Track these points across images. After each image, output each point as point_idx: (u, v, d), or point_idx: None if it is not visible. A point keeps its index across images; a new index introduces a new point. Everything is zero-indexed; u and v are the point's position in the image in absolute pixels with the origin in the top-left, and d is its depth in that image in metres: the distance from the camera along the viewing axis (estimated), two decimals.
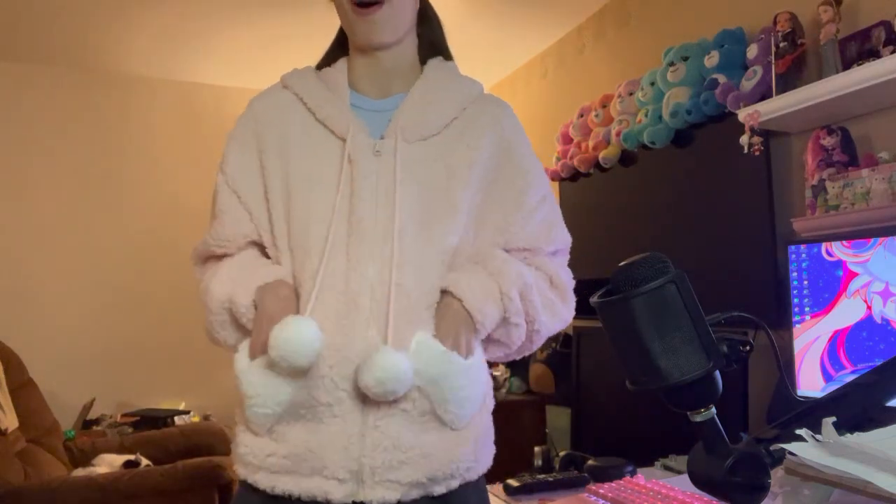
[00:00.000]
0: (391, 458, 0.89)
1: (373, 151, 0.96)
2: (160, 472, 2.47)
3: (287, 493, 0.90)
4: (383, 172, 0.95)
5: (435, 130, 1.00)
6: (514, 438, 2.98)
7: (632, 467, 1.61)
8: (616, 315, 0.76)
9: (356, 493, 0.89)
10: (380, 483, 0.89)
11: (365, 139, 0.97)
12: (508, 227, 1.02)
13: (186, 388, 3.79)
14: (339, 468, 0.88)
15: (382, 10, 0.95)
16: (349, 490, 0.89)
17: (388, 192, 0.94)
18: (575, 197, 3.10)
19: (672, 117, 2.34)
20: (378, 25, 0.96)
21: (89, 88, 3.77)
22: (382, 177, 0.95)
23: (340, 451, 0.89)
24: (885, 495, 0.68)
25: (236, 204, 1.01)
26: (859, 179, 1.75)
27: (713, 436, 0.77)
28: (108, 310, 3.70)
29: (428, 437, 0.91)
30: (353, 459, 0.89)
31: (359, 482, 0.89)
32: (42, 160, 3.65)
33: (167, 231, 3.84)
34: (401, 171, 0.95)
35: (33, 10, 3.06)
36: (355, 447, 0.89)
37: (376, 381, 0.85)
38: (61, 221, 3.67)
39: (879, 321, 1.53)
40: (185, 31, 3.29)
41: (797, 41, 1.93)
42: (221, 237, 1.01)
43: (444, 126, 1.00)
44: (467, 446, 0.94)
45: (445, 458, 0.92)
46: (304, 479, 0.90)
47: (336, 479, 0.89)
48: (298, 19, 3.04)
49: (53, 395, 3.13)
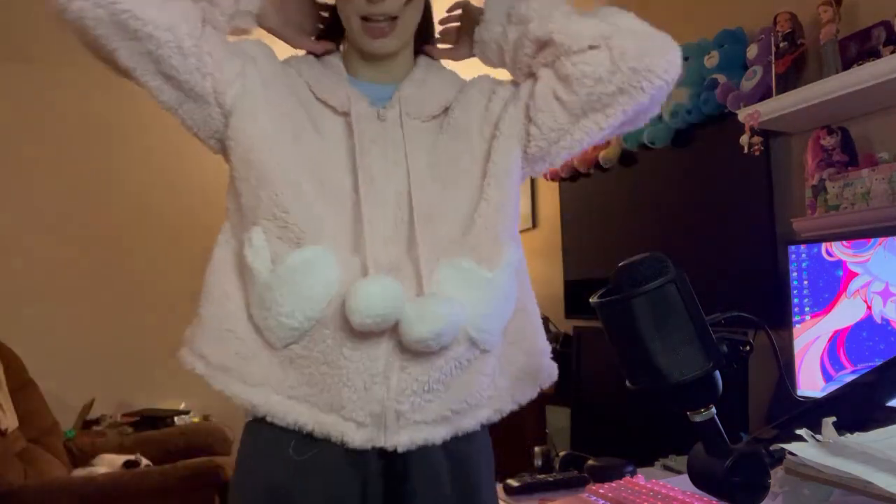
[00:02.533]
0: (419, 399, 0.85)
1: (376, 118, 0.95)
2: (160, 472, 2.47)
3: (299, 425, 0.85)
4: (389, 136, 0.94)
5: (434, 112, 0.99)
6: (514, 438, 2.98)
7: (632, 467, 1.61)
8: (616, 315, 0.76)
9: (377, 439, 0.85)
10: (405, 427, 0.85)
11: (366, 107, 0.95)
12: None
13: (186, 388, 3.78)
14: (358, 409, 0.84)
15: (396, 26, 0.93)
16: (369, 435, 0.84)
17: (397, 152, 0.93)
18: (575, 197, 3.10)
19: (672, 117, 2.34)
20: (388, 41, 0.95)
21: (89, 88, 3.76)
22: (389, 141, 0.94)
23: (361, 390, 0.84)
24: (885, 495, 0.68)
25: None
26: (859, 179, 1.75)
27: (713, 436, 0.77)
28: (108, 310, 3.70)
29: (455, 369, 0.88)
30: (375, 402, 0.84)
31: (381, 427, 0.84)
32: (42, 160, 3.65)
33: (168, 230, 3.84)
34: (407, 135, 0.94)
35: (33, 11, 3.05)
36: (379, 388, 0.84)
37: (433, 334, 0.81)
38: (61, 221, 3.67)
39: (879, 321, 1.53)
40: None
41: (797, 41, 1.93)
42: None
43: (441, 110, 0.99)
44: (488, 372, 0.92)
45: (469, 387, 0.89)
46: (320, 413, 0.85)
47: (355, 421, 0.84)
48: None
49: (53, 395, 3.13)
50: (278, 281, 0.85)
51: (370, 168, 0.91)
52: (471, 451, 0.94)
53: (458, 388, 0.89)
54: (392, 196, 0.91)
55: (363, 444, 0.85)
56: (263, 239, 0.87)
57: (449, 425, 0.89)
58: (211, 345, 0.90)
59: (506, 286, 0.93)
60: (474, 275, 0.88)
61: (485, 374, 0.92)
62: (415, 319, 0.81)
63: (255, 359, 0.87)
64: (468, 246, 0.90)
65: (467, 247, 0.90)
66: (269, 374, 0.86)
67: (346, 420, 0.84)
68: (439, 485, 0.89)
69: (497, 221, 0.92)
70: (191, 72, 0.85)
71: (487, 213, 0.91)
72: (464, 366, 0.89)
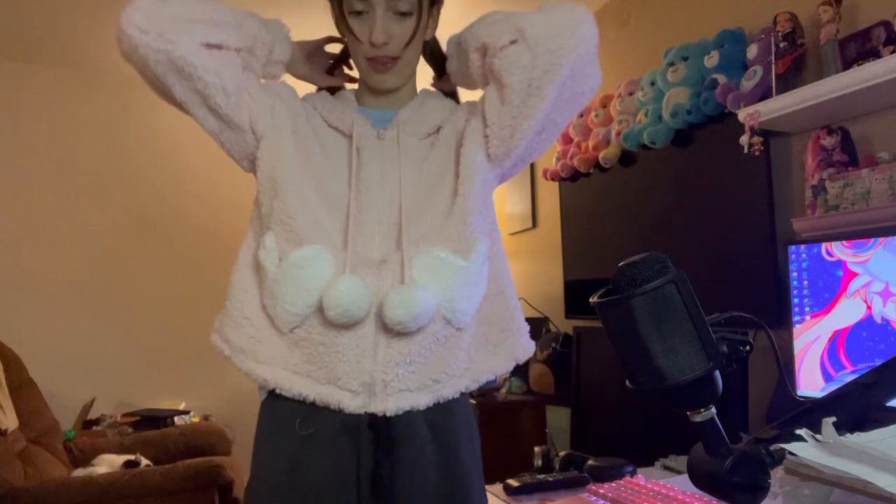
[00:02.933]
0: (402, 371, 1.00)
1: (376, 137, 1.10)
2: (160, 472, 2.47)
3: (303, 395, 1.00)
4: (386, 153, 1.09)
5: (429, 130, 1.13)
6: (514, 438, 2.98)
7: (632, 467, 1.61)
8: (616, 315, 0.76)
9: (368, 405, 1.00)
10: (391, 395, 1.00)
11: (369, 129, 1.11)
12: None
13: (186, 388, 3.79)
14: (351, 380, 0.99)
15: (397, 64, 1.08)
16: (361, 402, 0.99)
17: (392, 165, 1.08)
18: (575, 197, 3.10)
19: (672, 117, 2.34)
20: (391, 77, 1.10)
21: (89, 88, 3.77)
22: (386, 156, 1.09)
23: (353, 363, 0.99)
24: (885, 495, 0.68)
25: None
26: (859, 179, 1.75)
27: (713, 436, 0.77)
28: (109, 310, 3.70)
29: (434, 345, 1.02)
30: (365, 373, 0.99)
31: (371, 394, 0.99)
32: (42, 160, 3.66)
33: (168, 231, 3.84)
34: (403, 152, 1.09)
35: (33, 10, 3.06)
36: (368, 361, 0.99)
37: (410, 316, 0.96)
38: (61, 221, 3.67)
39: (879, 321, 1.53)
40: None
41: (797, 41, 1.93)
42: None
43: (435, 128, 1.13)
44: (463, 347, 1.05)
45: (447, 359, 1.03)
46: (319, 385, 1.00)
47: (349, 390, 0.99)
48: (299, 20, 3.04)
49: (53, 395, 3.13)
50: (283, 275, 1.00)
51: (367, 179, 1.07)
52: (453, 424, 1.06)
53: (438, 361, 1.03)
54: (385, 202, 1.06)
55: (356, 409, 0.99)
56: (274, 242, 1.03)
57: (430, 393, 1.03)
58: (233, 331, 1.05)
59: (476, 273, 1.05)
60: (448, 263, 1.02)
61: (461, 349, 1.05)
62: (395, 305, 0.96)
63: (267, 341, 1.02)
64: (445, 237, 1.04)
65: (444, 237, 1.04)
66: (277, 354, 1.02)
67: (342, 390, 0.99)
68: (424, 454, 1.02)
69: (468, 215, 1.05)
70: (231, 108, 1.02)
71: (461, 208, 1.05)
72: (441, 342, 1.02)
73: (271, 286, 1.01)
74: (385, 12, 1.03)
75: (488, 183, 1.10)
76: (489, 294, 1.08)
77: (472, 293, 1.04)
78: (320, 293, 0.97)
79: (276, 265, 1.01)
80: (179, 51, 0.95)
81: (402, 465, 1.01)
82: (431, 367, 1.02)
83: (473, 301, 1.05)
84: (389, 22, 1.04)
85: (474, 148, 1.07)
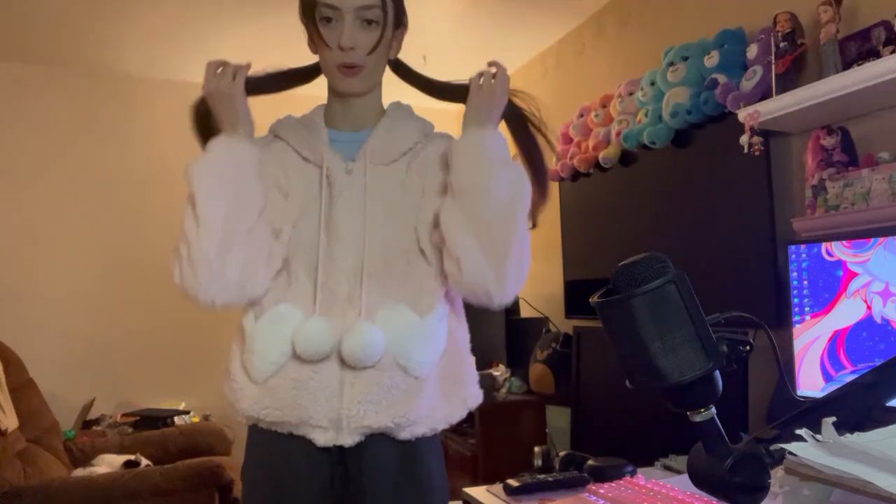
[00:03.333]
0: (364, 409, 1.11)
1: (345, 171, 1.20)
2: (160, 472, 2.47)
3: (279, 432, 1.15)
4: (355, 187, 1.19)
5: (395, 157, 1.22)
6: (514, 438, 2.98)
7: (632, 467, 1.61)
8: (616, 315, 0.76)
9: (336, 438, 1.12)
10: (355, 429, 1.12)
11: (339, 163, 1.20)
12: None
13: (186, 388, 3.79)
14: (322, 418, 1.12)
15: (362, 71, 1.17)
16: (330, 436, 1.12)
17: (360, 200, 1.18)
18: (575, 197, 3.10)
19: (672, 117, 2.34)
20: (357, 82, 1.19)
21: (90, 88, 3.77)
22: (354, 190, 1.19)
23: (323, 403, 1.11)
24: (885, 495, 0.68)
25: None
26: (859, 179, 1.75)
27: (713, 436, 0.77)
28: (109, 310, 3.70)
29: (393, 390, 1.12)
30: (333, 410, 1.12)
31: (338, 429, 1.12)
32: (42, 160, 3.65)
33: (168, 231, 3.83)
34: (369, 185, 1.18)
35: (34, 10, 3.06)
36: (335, 400, 1.12)
37: (360, 347, 1.09)
38: (62, 221, 3.67)
39: (879, 321, 1.53)
40: (186, 32, 3.29)
41: (797, 41, 1.93)
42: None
43: (402, 154, 1.23)
44: (423, 396, 1.14)
45: (407, 406, 1.13)
46: (293, 427, 1.13)
47: (320, 427, 1.12)
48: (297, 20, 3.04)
49: (53, 395, 3.13)
50: (259, 330, 1.15)
51: (336, 216, 1.18)
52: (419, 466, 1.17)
53: (398, 406, 1.13)
54: (351, 239, 1.17)
55: (326, 443, 1.13)
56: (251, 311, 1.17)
57: (391, 434, 1.14)
58: (225, 386, 1.20)
59: (432, 329, 1.16)
60: (405, 317, 1.14)
61: (422, 398, 1.14)
62: (349, 339, 1.10)
63: (247, 392, 1.16)
64: (405, 292, 1.17)
65: (404, 292, 1.17)
66: (256, 403, 1.14)
67: (314, 427, 1.12)
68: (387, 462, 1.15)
69: (431, 280, 1.18)
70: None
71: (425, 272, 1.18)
72: (401, 388, 1.13)
73: (249, 342, 1.15)
74: (353, 20, 1.13)
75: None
76: (447, 350, 1.19)
77: (427, 347, 1.15)
78: (292, 339, 1.11)
79: (253, 324, 1.15)
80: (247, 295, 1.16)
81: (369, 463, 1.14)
82: (393, 411, 1.12)
83: (430, 354, 1.15)
84: (357, 29, 1.14)
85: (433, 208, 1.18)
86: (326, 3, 1.13)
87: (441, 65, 1.35)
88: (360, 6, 1.13)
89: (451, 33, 3.33)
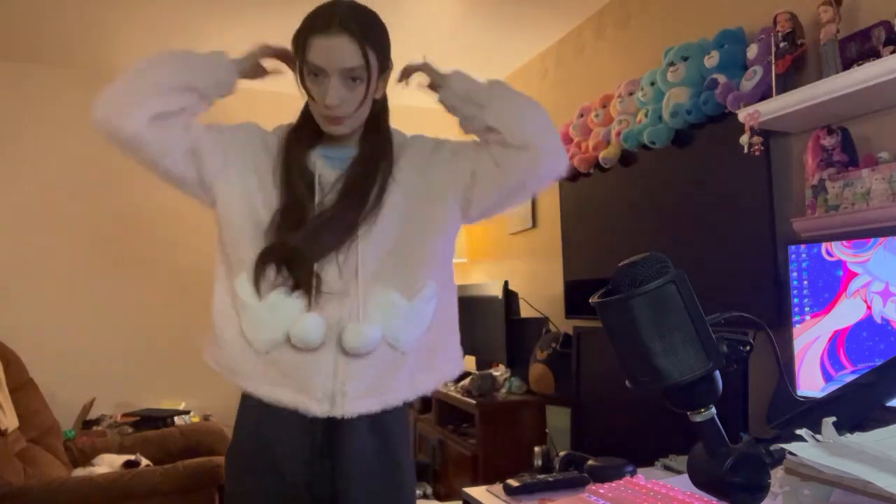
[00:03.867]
0: (357, 384, 1.23)
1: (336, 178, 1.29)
2: (160, 472, 2.47)
3: (278, 401, 1.23)
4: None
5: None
6: (514, 438, 2.98)
7: (632, 467, 1.61)
8: (616, 315, 0.76)
9: (331, 411, 1.23)
10: (349, 402, 1.23)
11: (329, 171, 1.30)
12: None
13: (186, 388, 3.79)
14: (318, 391, 1.22)
15: (347, 121, 1.26)
16: (325, 408, 1.23)
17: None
18: (575, 197, 3.10)
19: (672, 117, 2.34)
20: (343, 128, 1.27)
21: (89, 88, 3.76)
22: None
23: (319, 379, 1.22)
24: (885, 495, 0.68)
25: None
26: (859, 179, 1.75)
27: (713, 436, 0.77)
28: (109, 310, 3.70)
29: (382, 364, 1.24)
30: (328, 386, 1.22)
31: (332, 403, 1.23)
32: (41, 159, 3.65)
33: (167, 230, 3.84)
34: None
35: (33, 10, 3.06)
36: (330, 378, 1.22)
37: (361, 345, 1.21)
38: (61, 221, 3.67)
39: (879, 321, 1.53)
40: (185, 30, 3.29)
41: (797, 41, 1.93)
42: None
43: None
44: (407, 367, 1.28)
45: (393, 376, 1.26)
46: (294, 393, 1.23)
47: (316, 399, 1.22)
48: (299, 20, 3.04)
49: (53, 395, 3.13)
50: (262, 311, 1.23)
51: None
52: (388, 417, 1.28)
53: (385, 377, 1.26)
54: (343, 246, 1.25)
55: (321, 414, 1.23)
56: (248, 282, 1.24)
57: (379, 402, 1.26)
58: (219, 353, 1.28)
59: (419, 312, 1.28)
60: (396, 305, 1.25)
61: (405, 369, 1.28)
62: (351, 337, 1.21)
63: (248, 361, 1.25)
64: (395, 277, 1.26)
65: (395, 280, 1.26)
66: (256, 370, 1.24)
67: (311, 399, 1.23)
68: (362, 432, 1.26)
69: (418, 261, 1.28)
70: (180, 169, 1.25)
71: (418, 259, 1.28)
72: (389, 363, 1.25)
73: (251, 318, 1.23)
74: (339, 78, 1.20)
75: (447, 230, 1.33)
76: (433, 326, 1.30)
77: (413, 326, 1.27)
78: (289, 327, 1.20)
79: (257, 303, 1.22)
80: (127, 132, 1.19)
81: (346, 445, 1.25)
82: (380, 382, 1.25)
83: (415, 332, 1.27)
84: (342, 87, 1.20)
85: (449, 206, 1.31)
86: (313, 62, 1.19)
87: (441, 65, 1.35)
88: (344, 68, 1.19)
89: (451, 33, 3.33)
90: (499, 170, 1.27)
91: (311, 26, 1.20)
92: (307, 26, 1.21)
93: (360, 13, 1.22)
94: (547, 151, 1.27)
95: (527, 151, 1.25)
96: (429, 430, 3.47)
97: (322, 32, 1.18)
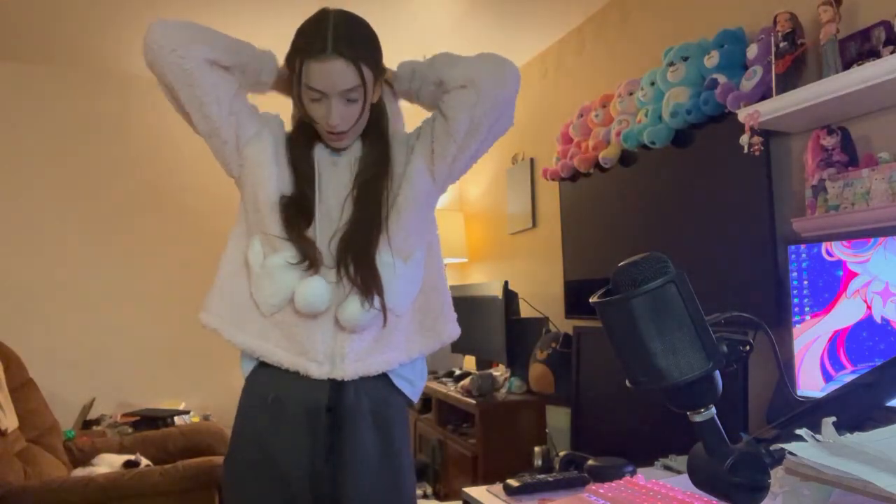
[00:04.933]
0: (355, 346, 1.29)
1: (333, 164, 1.37)
2: (160, 472, 2.47)
3: (279, 362, 1.30)
4: (341, 171, 1.37)
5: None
6: (514, 438, 2.98)
7: (632, 467, 1.60)
8: (616, 315, 0.76)
9: (331, 372, 1.29)
10: (349, 364, 1.29)
11: (327, 156, 1.38)
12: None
13: (186, 388, 3.79)
14: (318, 353, 1.29)
15: (347, 135, 1.32)
16: (325, 370, 1.29)
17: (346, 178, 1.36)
18: (575, 197, 3.10)
19: (672, 117, 2.34)
20: (344, 141, 1.34)
21: (89, 88, 3.77)
22: (341, 174, 1.36)
23: (319, 342, 1.29)
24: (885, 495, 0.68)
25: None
26: (859, 179, 1.75)
27: (713, 436, 0.77)
28: (109, 310, 3.71)
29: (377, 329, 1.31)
30: (328, 348, 1.29)
31: (332, 364, 1.29)
32: (41, 160, 3.66)
33: (168, 230, 3.84)
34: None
35: (33, 10, 3.06)
36: (329, 341, 1.29)
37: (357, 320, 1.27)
38: (61, 221, 3.67)
39: (879, 321, 1.53)
40: None
41: (797, 41, 1.93)
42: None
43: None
44: (401, 329, 1.35)
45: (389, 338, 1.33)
46: (293, 356, 1.29)
47: (316, 361, 1.29)
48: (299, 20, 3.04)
49: (53, 395, 3.13)
50: (265, 274, 1.30)
51: (324, 190, 1.34)
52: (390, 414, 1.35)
53: (382, 339, 1.33)
54: (338, 209, 1.33)
55: (321, 376, 1.29)
56: (260, 246, 1.32)
57: (379, 361, 1.32)
58: (225, 308, 1.34)
59: (413, 274, 1.35)
60: (391, 268, 1.31)
61: (400, 331, 1.35)
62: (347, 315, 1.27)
63: (253, 321, 1.32)
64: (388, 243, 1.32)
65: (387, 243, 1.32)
66: (261, 330, 1.31)
67: (310, 361, 1.29)
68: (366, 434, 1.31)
69: (407, 225, 1.34)
70: (222, 120, 1.27)
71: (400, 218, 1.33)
72: (385, 326, 1.32)
73: (257, 281, 1.30)
74: (338, 99, 1.26)
75: (431, 199, 1.38)
76: (425, 288, 1.38)
77: (407, 290, 1.34)
78: (292, 290, 1.26)
79: (261, 265, 1.30)
80: (188, 64, 1.20)
81: (349, 442, 1.29)
82: (377, 344, 1.32)
83: (408, 296, 1.35)
84: (342, 106, 1.27)
85: (420, 173, 1.35)
86: (313, 87, 1.25)
87: None
88: (343, 90, 1.24)
89: (451, 33, 3.33)
90: (448, 118, 1.29)
91: (305, 49, 1.24)
92: (302, 48, 1.25)
93: (349, 27, 1.26)
94: (486, 81, 1.26)
95: (467, 88, 1.27)
96: (429, 430, 3.47)
97: (316, 58, 1.22)
